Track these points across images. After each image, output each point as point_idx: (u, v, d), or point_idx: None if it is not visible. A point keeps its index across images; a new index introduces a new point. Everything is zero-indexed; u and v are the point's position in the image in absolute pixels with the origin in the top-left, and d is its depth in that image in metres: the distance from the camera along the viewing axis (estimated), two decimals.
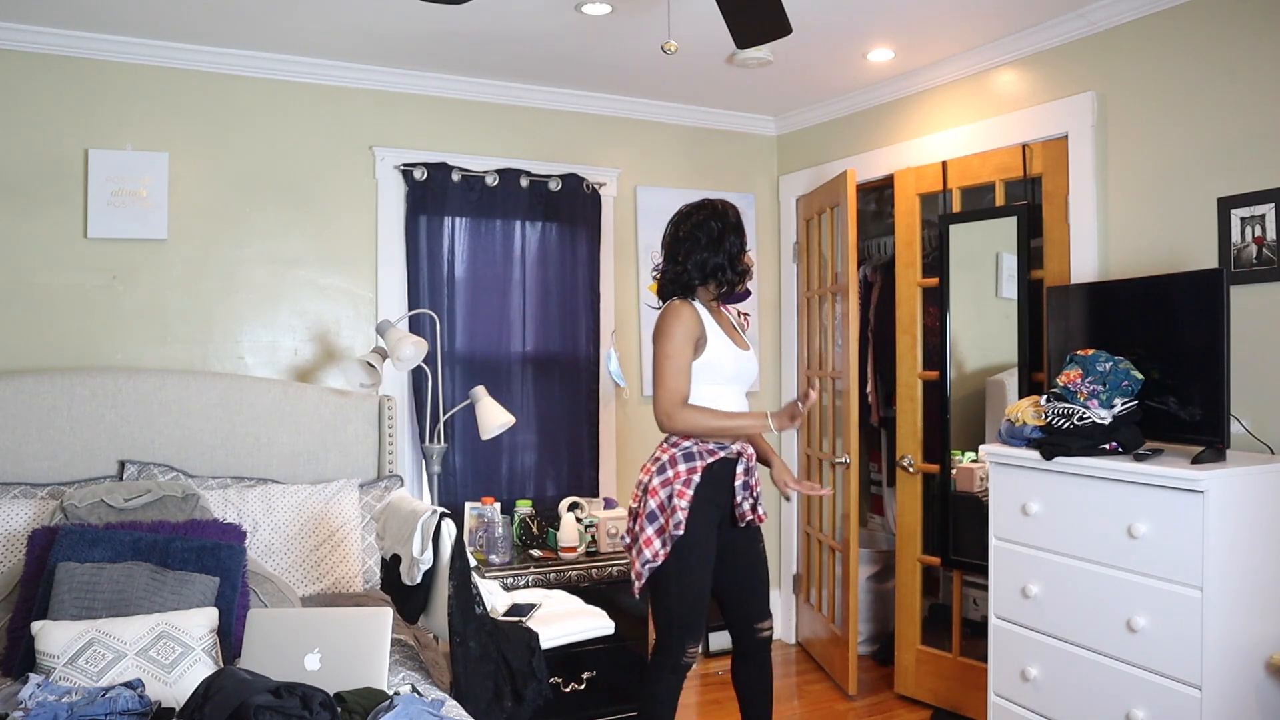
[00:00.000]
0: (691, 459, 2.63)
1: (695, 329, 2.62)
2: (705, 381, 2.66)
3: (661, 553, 2.59)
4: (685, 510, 2.58)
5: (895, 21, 3.28)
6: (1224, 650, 2.37)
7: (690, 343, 2.61)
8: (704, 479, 2.62)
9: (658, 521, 2.61)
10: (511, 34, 3.38)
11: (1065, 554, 2.70)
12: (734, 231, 2.71)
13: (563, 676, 3.38)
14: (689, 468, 2.62)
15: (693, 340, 2.62)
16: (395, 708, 1.96)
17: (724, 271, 2.69)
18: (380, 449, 3.57)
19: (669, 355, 2.60)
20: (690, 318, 2.62)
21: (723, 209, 2.73)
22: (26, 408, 3.06)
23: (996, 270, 3.56)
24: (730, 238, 2.69)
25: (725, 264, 2.68)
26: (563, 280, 4.05)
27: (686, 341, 2.60)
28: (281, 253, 3.64)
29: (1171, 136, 2.95)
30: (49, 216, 3.30)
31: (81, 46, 3.31)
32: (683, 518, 2.57)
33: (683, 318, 2.61)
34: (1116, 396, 2.65)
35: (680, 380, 2.59)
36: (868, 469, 4.86)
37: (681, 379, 2.59)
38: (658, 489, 2.62)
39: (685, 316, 2.62)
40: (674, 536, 2.58)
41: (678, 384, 2.59)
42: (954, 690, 3.62)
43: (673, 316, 2.63)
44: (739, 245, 2.71)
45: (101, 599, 2.38)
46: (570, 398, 4.05)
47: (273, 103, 3.63)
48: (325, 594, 3.13)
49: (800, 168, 4.49)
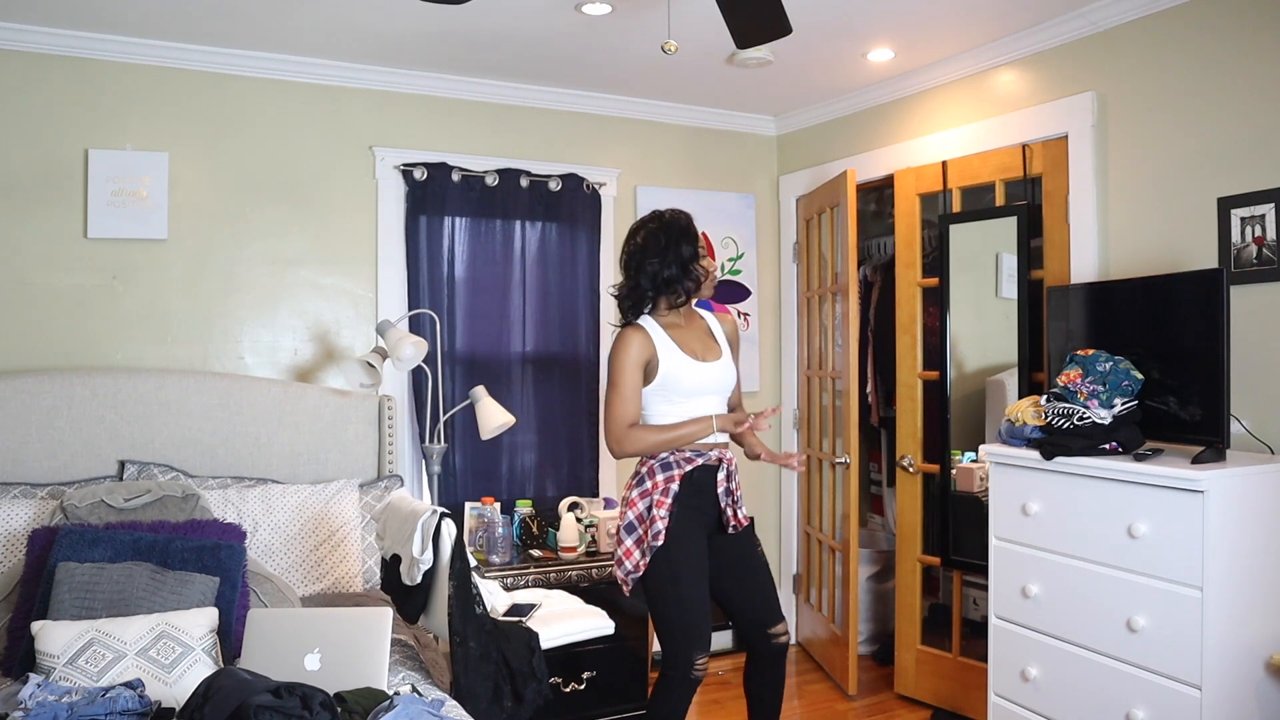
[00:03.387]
0: (669, 468, 2.64)
1: (643, 354, 2.64)
2: (663, 401, 2.67)
3: (641, 563, 2.61)
4: (665, 519, 2.59)
5: (895, 21, 3.28)
6: (1224, 650, 2.37)
7: (637, 368, 2.63)
8: (684, 487, 2.64)
9: (635, 533, 2.64)
10: (511, 34, 3.38)
11: (1065, 554, 2.70)
12: (683, 239, 2.67)
13: (563, 676, 3.38)
14: (666, 477, 2.63)
15: (640, 365, 2.63)
16: (395, 708, 1.96)
17: (678, 281, 2.67)
18: (380, 449, 3.57)
19: (614, 384, 2.65)
20: (637, 344, 2.64)
21: (670, 218, 2.70)
22: (26, 408, 3.06)
23: (996, 270, 3.56)
24: (680, 246, 2.66)
25: (678, 274, 2.67)
26: (563, 280, 4.05)
27: (633, 369, 2.63)
28: (281, 253, 3.64)
29: (1171, 136, 2.95)
30: (49, 216, 3.30)
31: (81, 46, 3.31)
32: (661, 528, 2.59)
33: (628, 345, 2.64)
34: (1116, 396, 2.64)
35: (625, 408, 2.63)
36: (868, 469, 4.86)
37: (627, 406, 2.63)
38: (636, 501, 2.66)
39: (630, 343, 2.64)
40: (653, 547, 2.59)
41: (623, 411, 2.63)
42: (954, 690, 3.62)
43: (618, 345, 2.66)
44: (691, 252, 2.67)
45: (101, 599, 2.38)
46: (570, 398, 4.05)
47: (273, 103, 3.63)
48: (325, 594, 3.13)
49: (800, 168, 4.49)
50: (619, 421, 2.63)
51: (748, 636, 2.78)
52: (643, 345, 2.64)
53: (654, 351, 2.64)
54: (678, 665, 2.61)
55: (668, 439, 2.64)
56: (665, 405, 2.68)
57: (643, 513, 2.64)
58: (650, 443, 2.64)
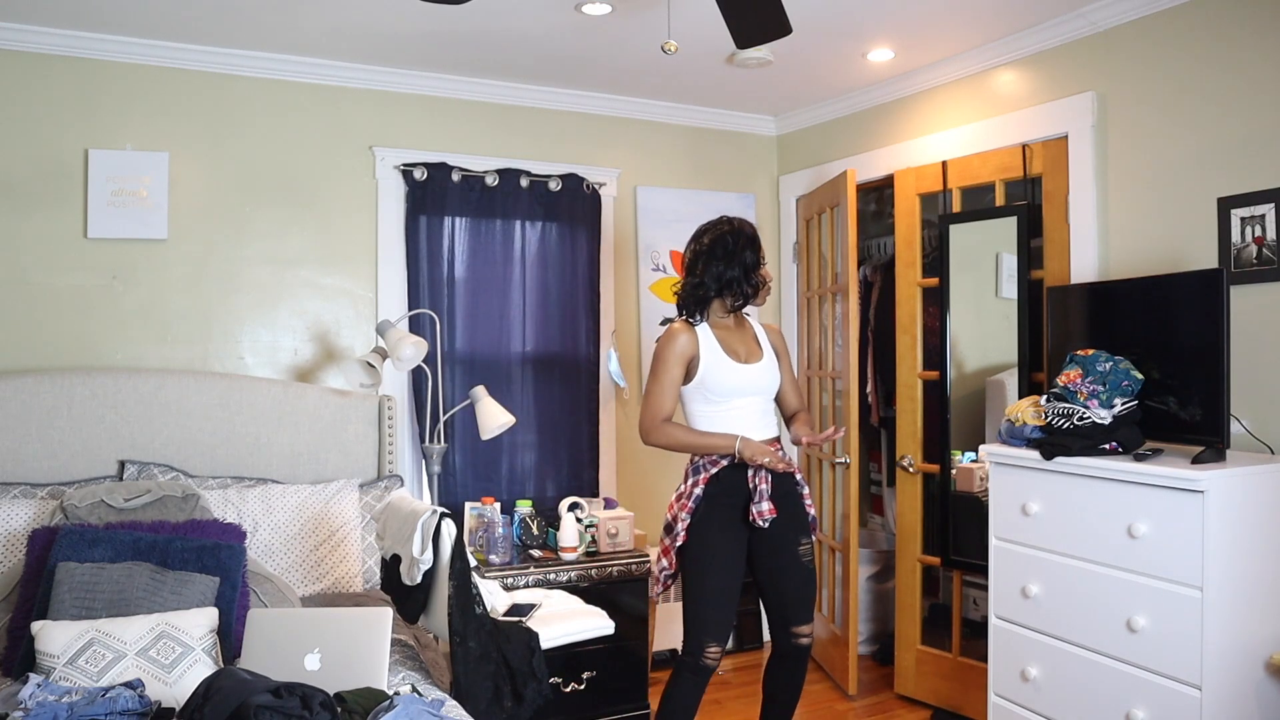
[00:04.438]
0: (698, 471, 2.76)
1: (687, 351, 2.74)
2: (701, 400, 2.77)
3: (673, 562, 2.77)
4: (685, 521, 2.73)
5: (895, 21, 3.28)
6: (1224, 650, 2.37)
7: (680, 365, 2.74)
8: (712, 488, 2.73)
9: (671, 533, 2.78)
10: (511, 34, 3.38)
11: (1065, 554, 2.70)
12: (749, 246, 2.79)
13: (563, 676, 3.38)
14: (694, 480, 2.76)
15: (683, 362, 2.74)
16: (395, 708, 1.96)
17: (739, 284, 2.78)
18: (380, 449, 3.57)
19: (655, 377, 2.76)
20: (683, 342, 2.74)
21: (739, 225, 2.83)
22: (26, 408, 3.06)
23: (996, 270, 3.56)
24: (746, 252, 2.78)
25: (740, 276, 2.77)
26: (563, 280, 4.05)
27: (675, 364, 2.73)
28: (282, 253, 3.64)
29: (1171, 136, 2.95)
30: (49, 216, 3.30)
31: (81, 46, 3.31)
32: (681, 529, 2.73)
33: (673, 341, 2.75)
34: (1116, 396, 2.64)
35: (661, 401, 2.74)
36: (868, 469, 4.86)
37: (664, 400, 2.74)
38: (673, 504, 2.80)
39: (676, 339, 2.75)
40: (677, 547, 2.74)
41: (659, 404, 2.74)
42: (954, 690, 3.62)
43: (666, 340, 2.77)
44: (754, 259, 2.79)
45: (101, 599, 2.38)
46: (570, 398, 4.05)
47: (273, 103, 3.63)
48: (325, 594, 3.13)
49: (800, 168, 4.49)
50: (654, 414, 2.75)
51: (773, 631, 2.88)
52: (687, 342, 2.74)
53: (697, 351, 2.74)
54: (690, 652, 2.73)
55: (691, 442, 2.75)
56: (704, 405, 2.77)
57: (676, 514, 2.77)
58: (676, 440, 2.75)
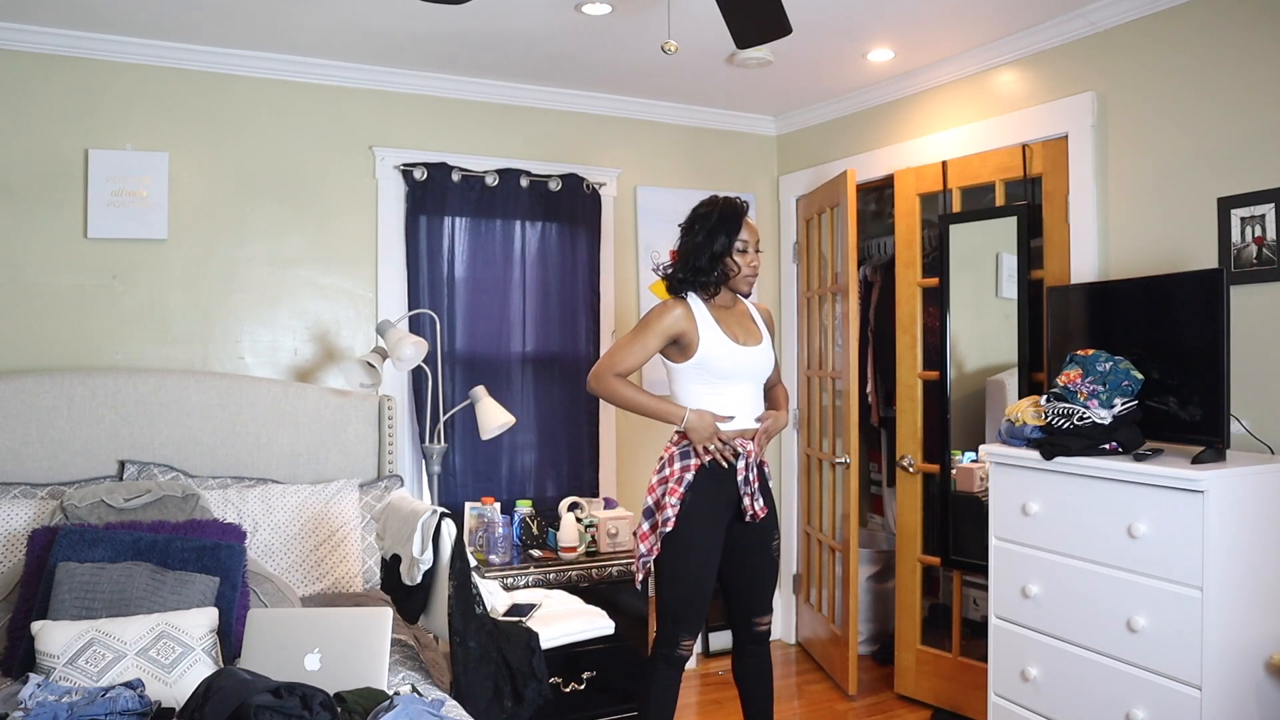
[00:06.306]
0: (687, 457, 2.68)
1: (677, 326, 2.66)
2: (699, 382, 2.69)
3: (655, 548, 2.67)
4: (675, 507, 2.64)
5: (895, 21, 3.28)
6: (1224, 650, 2.37)
7: (661, 338, 2.66)
8: (702, 476, 2.66)
9: (652, 518, 2.70)
10: (511, 34, 3.38)
11: (1065, 554, 2.70)
12: (720, 230, 2.67)
13: (563, 676, 3.38)
14: (683, 466, 2.67)
15: (666, 336, 2.66)
16: (395, 708, 1.96)
17: (705, 273, 2.69)
18: (380, 449, 3.57)
19: (633, 335, 2.69)
20: (675, 317, 2.66)
21: (721, 205, 2.72)
22: (26, 408, 3.06)
23: (996, 270, 3.56)
24: (716, 237, 2.68)
25: (706, 264, 2.69)
26: (563, 280, 4.05)
27: (656, 336, 2.66)
28: (281, 253, 3.64)
29: (1171, 136, 2.95)
30: (49, 216, 3.30)
31: (81, 46, 3.31)
32: (671, 514, 2.63)
33: (664, 313, 2.67)
34: (1116, 396, 2.64)
35: (626, 357, 2.67)
36: (868, 469, 4.86)
37: (629, 358, 2.66)
38: (655, 487, 2.72)
39: (668, 312, 2.67)
40: (663, 533, 2.65)
41: (621, 359, 2.67)
42: (954, 690, 3.62)
43: (656, 309, 2.71)
44: (725, 245, 2.68)
45: (101, 599, 2.38)
46: (570, 398, 4.05)
47: (273, 103, 3.63)
48: (325, 594, 3.13)
49: (800, 168, 4.49)
50: (611, 365, 2.68)
51: (735, 622, 2.84)
52: (680, 319, 2.66)
53: (692, 327, 2.66)
54: (664, 644, 2.69)
55: (639, 402, 2.69)
56: (701, 386, 2.69)
57: (659, 498, 2.69)
58: (623, 396, 2.69)
